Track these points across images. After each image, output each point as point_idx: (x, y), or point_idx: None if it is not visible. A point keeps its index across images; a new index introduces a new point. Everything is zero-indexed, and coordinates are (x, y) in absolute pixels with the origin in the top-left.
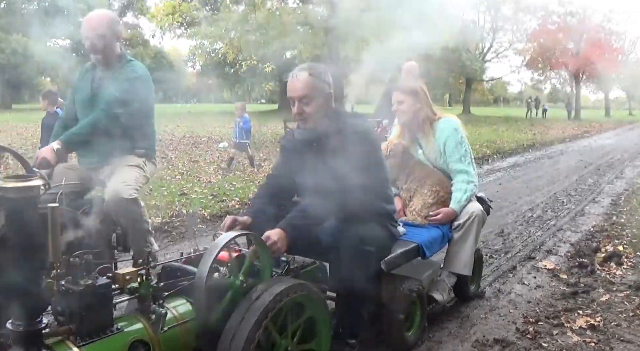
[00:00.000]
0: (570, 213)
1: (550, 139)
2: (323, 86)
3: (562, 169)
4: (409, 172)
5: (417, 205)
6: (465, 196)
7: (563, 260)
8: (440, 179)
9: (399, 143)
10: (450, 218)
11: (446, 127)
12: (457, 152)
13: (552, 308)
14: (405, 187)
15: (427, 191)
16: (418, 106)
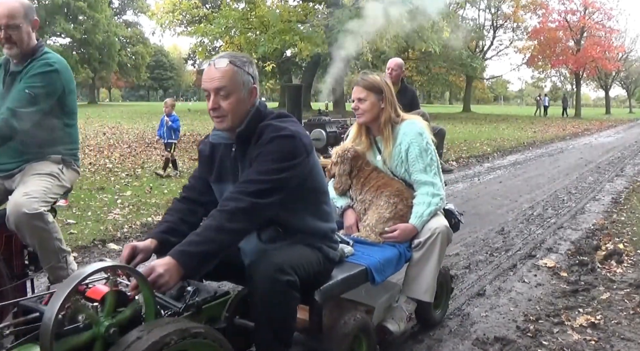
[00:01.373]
0: (570, 211)
1: (550, 137)
2: (246, 79)
3: (563, 167)
4: (364, 182)
5: (372, 220)
6: (429, 210)
7: (563, 258)
8: (400, 190)
9: (351, 148)
10: (409, 235)
11: (409, 131)
12: (421, 161)
13: (553, 306)
14: (359, 198)
15: (384, 204)
16: (381, 105)
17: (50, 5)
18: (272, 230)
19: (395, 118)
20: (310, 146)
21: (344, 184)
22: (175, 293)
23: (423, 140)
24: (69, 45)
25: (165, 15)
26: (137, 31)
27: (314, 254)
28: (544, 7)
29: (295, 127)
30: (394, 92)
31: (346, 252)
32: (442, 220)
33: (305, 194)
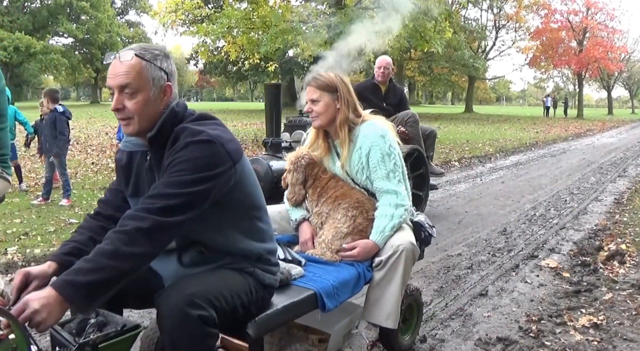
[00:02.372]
0: (573, 212)
1: (552, 137)
2: (157, 75)
3: (565, 168)
4: (320, 192)
5: (327, 235)
6: (392, 224)
7: (566, 259)
8: (360, 201)
9: (306, 154)
10: (369, 253)
11: (370, 134)
12: (383, 167)
13: (555, 306)
14: (315, 210)
15: (341, 217)
16: (337, 105)
17: (53, 5)
18: (194, 252)
19: (354, 119)
20: (236, 152)
21: (297, 194)
22: (76, 326)
23: (385, 143)
24: (72, 45)
25: (167, 15)
26: (139, 31)
27: (244, 281)
28: (546, 7)
29: (217, 131)
30: (382, 91)
31: (294, 274)
32: (407, 235)
33: (233, 210)
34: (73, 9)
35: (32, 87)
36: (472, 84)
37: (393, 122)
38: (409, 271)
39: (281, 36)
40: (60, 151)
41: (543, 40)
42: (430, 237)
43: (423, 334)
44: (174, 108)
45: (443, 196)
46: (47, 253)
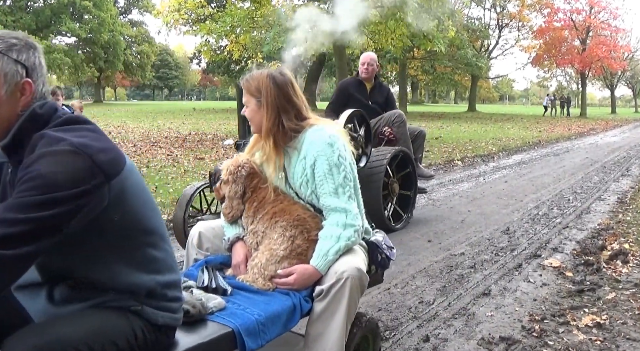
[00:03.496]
0: (576, 211)
1: (555, 136)
2: (10, 70)
3: (568, 167)
4: (257, 207)
5: (261, 258)
6: (337, 247)
7: (569, 258)
8: (300, 219)
9: (246, 163)
10: (308, 281)
11: (316, 141)
12: (330, 180)
13: (558, 306)
14: (251, 228)
15: (278, 237)
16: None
17: (56, 5)
18: (65, 287)
19: (293, 125)
20: (112, 165)
21: (234, 209)
22: None
23: (334, 152)
24: (75, 45)
25: (170, 14)
26: (142, 30)
27: (126, 323)
28: (549, 6)
29: (83, 139)
30: (368, 88)
31: (211, 306)
32: (355, 260)
33: (114, 236)
34: (76, 8)
35: None
36: (475, 83)
37: (379, 122)
38: (356, 302)
39: (284, 35)
40: None
41: (546, 39)
42: (388, 260)
43: (426, 333)
44: (35, 110)
45: (446, 195)
46: None
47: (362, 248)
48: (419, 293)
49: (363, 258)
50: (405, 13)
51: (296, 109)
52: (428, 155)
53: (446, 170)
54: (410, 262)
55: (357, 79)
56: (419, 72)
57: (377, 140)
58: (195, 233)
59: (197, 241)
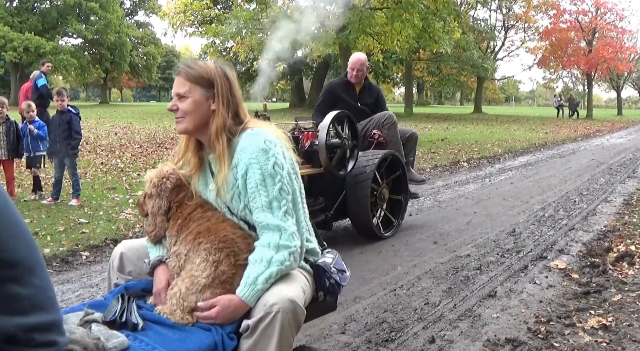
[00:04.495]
0: (582, 213)
1: (562, 138)
2: None
3: (574, 169)
4: (182, 225)
5: (181, 286)
6: (268, 273)
7: (575, 260)
8: (227, 240)
9: (172, 173)
10: (234, 314)
11: (249, 146)
12: (263, 193)
13: (564, 307)
14: (174, 250)
15: (200, 262)
16: (211, 105)
17: (62, 6)
18: None
19: (233, 126)
20: None
21: (157, 227)
22: None
23: (269, 160)
24: (81, 46)
25: (176, 16)
26: (148, 32)
27: None
28: (555, 7)
29: None
30: (357, 89)
31: (110, 347)
32: (290, 289)
33: None
34: (82, 9)
35: None
36: (481, 85)
37: (369, 124)
38: (289, 340)
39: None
40: (75, 151)
41: (552, 40)
42: (339, 286)
43: (432, 335)
44: None
45: (452, 197)
46: (56, 252)
47: (306, 273)
48: (425, 294)
49: (302, 286)
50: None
51: (237, 109)
52: (434, 156)
53: (452, 171)
54: (416, 263)
55: (345, 79)
56: (425, 74)
57: (366, 143)
58: (117, 254)
59: (118, 263)
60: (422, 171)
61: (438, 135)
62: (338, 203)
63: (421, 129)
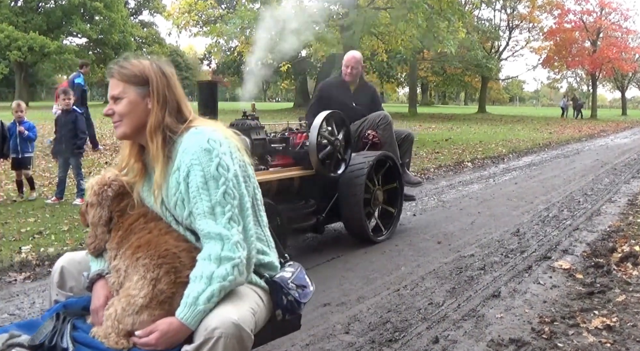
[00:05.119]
0: (586, 213)
1: (566, 138)
2: None
3: (579, 169)
4: (123, 236)
5: (117, 307)
6: (209, 291)
7: (579, 260)
8: (167, 255)
9: (114, 180)
10: (174, 339)
11: (191, 146)
12: (205, 197)
13: (568, 308)
14: (114, 264)
15: (138, 280)
16: (147, 103)
17: (67, 6)
18: None
19: (173, 125)
20: None
21: (98, 239)
22: None
23: (211, 160)
24: (85, 45)
25: (181, 16)
26: (152, 31)
27: None
28: (560, 7)
29: None
30: (352, 89)
31: None
32: (235, 310)
33: None
34: (87, 9)
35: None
36: (485, 85)
37: (363, 124)
38: None
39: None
40: (80, 151)
41: (556, 40)
42: (299, 304)
43: (435, 335)
44: None
45: (456, 197)
46: (60, 251)
47: (259, 290)
48: (429, 294)
49: (252, 306)
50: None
51: (179, 106)
52: (438, 156)
53: (456, 171)
54: (419, 263)
55: (339, 79)
56: (429, 74)
57: (361, 144)
58: (57, 268)
59: (58, 279)
60: (426, 171)
61: (442, 135)
62: (330, 206)
63: (425, 129)
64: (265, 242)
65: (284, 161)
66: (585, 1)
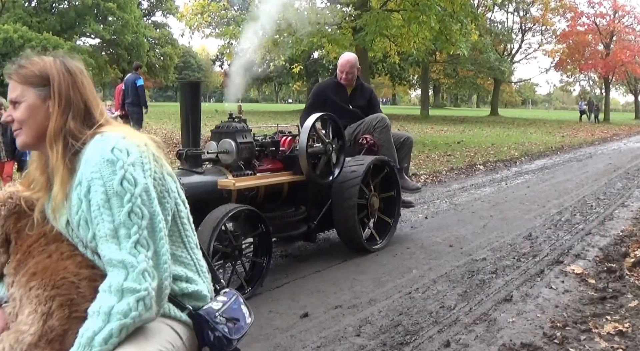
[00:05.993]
0: (599, 217)
1: (579, 141)
2: None
3: (591, 173)
4: (21, 260)
5: (5, 343)
6: (107, 330)
7: (591, 265)
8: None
9: (10, 197)
10: None
11: (93, 156)
12: (107, 217)
13: (580, 313)
14: (11, 292)
15: (30, 313)
16: (48, 107)
17: (80, 6)
18: None
19: (77, 131)
20: None
21: None
22: None
23: (115, 174)
24: (99, 46)
25: (194, 17)
26: (165, 32)
27: None
28: (573, 10)
29: None
30: (348, 90)
31: None
32: None
33: None
34: (100, 10)
35: None
36: (497, 87)
37: (359, 127)
38: None
39: (307, 39)
40: None
41: (569, 43)
42: (229, 341)
43: (447, 339)
44: None
45: (468, 200)
46: None
47: (179, 325)
48: (440, 297)
49: (163, 346)
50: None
51: (87, 108)
52: (450, 159)
53: (468, 174)
54: (431, 266)
55: (335, 80)
56: (441, 76)
57: (357, 148)
58: None
59: None
60: (438, 174)
61: (454, 137)
62: (323, 213)
63: (437, 131)
64: (193, 267)
65: (273, 165)
66: (599, 4)
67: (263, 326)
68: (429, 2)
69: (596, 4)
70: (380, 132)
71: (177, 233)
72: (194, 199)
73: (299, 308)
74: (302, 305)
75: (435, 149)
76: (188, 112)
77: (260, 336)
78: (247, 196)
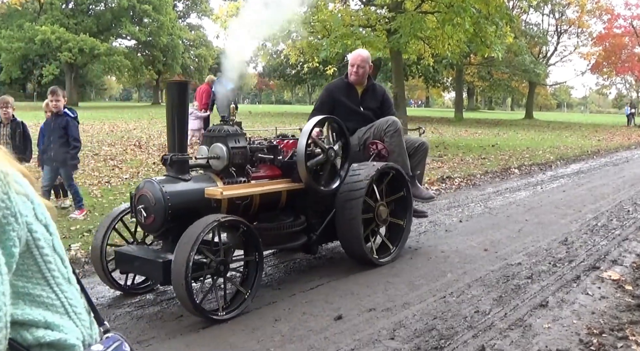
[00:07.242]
0: (636, 223)
1: (615, 145)
2: None
3: (628, 177)
4: None
5: None
6: None
7: (628, 271)
8: None
9: None
10: None
11: None
12: None
13: (617, 320)
14: None
15: None
16: None
17: (117, 8)
18: None
19: None
20: None
21: None
22: None
23: None
24: (134, 47)
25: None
26: (200, 34)
27: None
28: (609, 12)
29: None
30: (359, 91)
31: None
32: None
33: None
34: (136, 12)
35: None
36: (532, 90)
37: (369, 131)
38: None
39: (341, 41)
40: (74, 162)
41: (606, 45)
42: None
43: (482, 344)
44: None
45: (503, 204)
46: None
47: None
48: (475, 302)
49: None
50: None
51: None
52: (484, 162)
53: (503, 178)
54: (466, 270)
55: (345, 80)
56: (476, 79)
57: (366, 153)
58: None
59: None
60: (472, 177)
61: (488, 141)
62: (326, 223)
63: (471, 134)
64: (60, 308)
65: (270, 172)
66: (636, 6)
67: (297, 328)
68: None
69: (633, 6)
70: (392, 136)
71: (35, 265)
72: (178, 209)
73: (333, 310)
74: (336, 307)
75: (470, 152)
76: (174, 114)
77: (294, 337)
78: (239, 206)
